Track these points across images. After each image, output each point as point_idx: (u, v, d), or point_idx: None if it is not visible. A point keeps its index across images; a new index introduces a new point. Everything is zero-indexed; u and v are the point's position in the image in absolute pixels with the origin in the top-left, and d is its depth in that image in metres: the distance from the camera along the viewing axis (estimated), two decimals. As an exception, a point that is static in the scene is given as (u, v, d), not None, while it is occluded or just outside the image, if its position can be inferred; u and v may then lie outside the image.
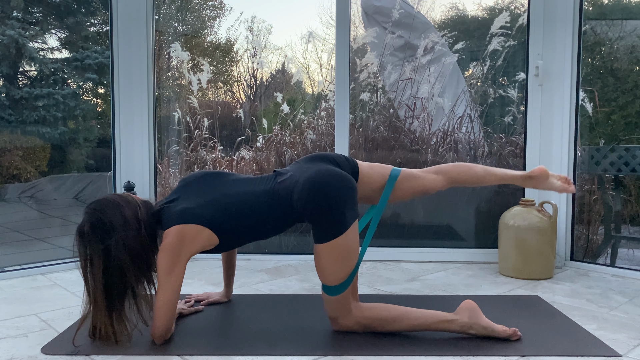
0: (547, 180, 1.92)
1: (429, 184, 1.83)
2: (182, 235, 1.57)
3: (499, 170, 1.93)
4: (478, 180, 1.92)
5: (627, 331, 1.76)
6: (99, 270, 1.52)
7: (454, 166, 1.89)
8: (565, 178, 1.94)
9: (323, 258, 1.61)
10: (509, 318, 1.85)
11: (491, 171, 1.91)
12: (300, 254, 2.90)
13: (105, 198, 1.61)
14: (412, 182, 1.81)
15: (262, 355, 1.53)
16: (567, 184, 1.93)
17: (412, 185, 1.81)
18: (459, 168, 1.89)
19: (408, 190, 1.81)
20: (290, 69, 4.53)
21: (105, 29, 4.81)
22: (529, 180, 1.93)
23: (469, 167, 1.91)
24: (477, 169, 1.91)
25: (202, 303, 2.01)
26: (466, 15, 3.95)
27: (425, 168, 1.88)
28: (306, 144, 3.57)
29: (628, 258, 3.05)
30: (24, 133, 4.27)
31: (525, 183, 1.95)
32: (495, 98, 3.49)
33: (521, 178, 1.93)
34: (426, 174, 1.84)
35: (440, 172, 1.86)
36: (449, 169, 1.87)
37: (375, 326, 1.68)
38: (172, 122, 3.79)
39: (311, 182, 1.59)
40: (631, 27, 3.49)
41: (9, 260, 3.24)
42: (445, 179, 1.85)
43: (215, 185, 1.73)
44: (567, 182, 1.94)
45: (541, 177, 1.91)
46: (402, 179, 1.79)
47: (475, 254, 2.83)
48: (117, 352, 1.53)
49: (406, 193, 1.82)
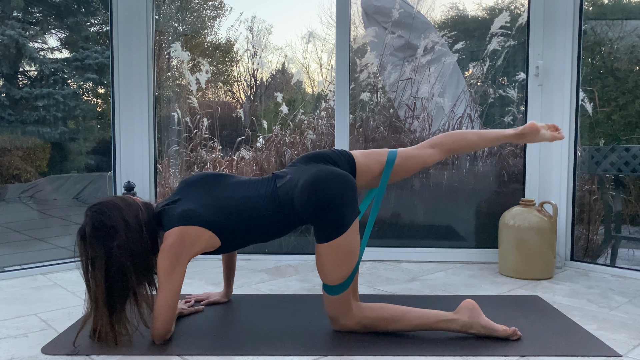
0: (538, 134, 1.93)
1: (426, 159, 1.85)
2: (183, 236, 1.57)
3: (491, 132, 1.95)
4: (472, 145, 1.95)
5: (627, 331, 1.76)
6: (101, 272, 1.52)
7: (447, 136, 1.91)
8: (554, 126, 1.96)
9: (324, 257, 1.61)
10: (509, 318, 1.85)
11: (484, 135, 1.94)
12: (300, 254, 2.90)
13: (106, 200, 1.61)
14: (409, 161, 1.82)
15: (262, 355, 1.53)
16: (556, 131, 1.95)
17: (410, 165, 1.83)
18: (452, 137, 1.91)
19: (406, 170, 1.83)
20: (290, 69, 4.53)
21: (105, 29, 4.81)
22: (521, 137, 1.94)
23: (462, 134, 1.93)
24: (469, 135, 1.94)
25: (202, 303, 2.01)
26: (466, 15, 3.95)
27: (420, 143, 1.89)
28: (306, 144, 3.57)
29: (628, 258, 3.05)
30: (24, 133, 4.27)
31: (518, 140, 1.96)
32: (495, 98, 3.49)
33: (513, 136, 1.94)
34: (422, 150, 1.86)
35: (435, 144, 1.87)
36: (442, 140, 1.89)
37: (375, 326, 1.68)
38: (172, 122, 3.79)
39: (310, 184, 1.59)
40: (631, 27, 3.49)
41: (9, 260, 3.24)
42: (441, 151, 1.87)
43: (217, 187, 1.73)
44: (556, 129, 1.96)
45: (532, 132, 1.92)
46: (399, 161, 1.80)
47: (475, 254, 2.83)
48: (117, 352, 1.53)
49: (405, 172, 1.84)
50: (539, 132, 1.92)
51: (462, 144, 1.91)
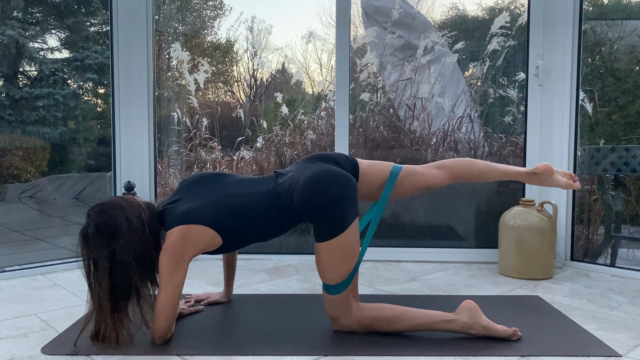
0: (551, 177, 1.89)
1: (430, 179, 1.82)
2: (185, 235, 1.57)
3: (501, 166, 1.91)
4: (480, 176, 1.89)
5: (627, 331, 1.76)
6: (104, 273, 1.52)
7: (456, 162, 1.88)
8: (570, 174, 1.91)
9: (323, 257, 1.61)
10: (509, 318, 1.85)
11: (494, 167, 1.89)
12: (300, 254, 2.90)
13: (108, 200, 1.60)
14: (413, 178, 1.80)
15: (262, 355, 1.53)
16: (572, 180, 1.90)
17: (414, 182, 1.80)
18: (461, 163, 1.88)
19: (410, 187, 1.81)
20: (290, 69, 4.53)
21: (105, 29, 4.81)
22: (533, 177, 1.90)
23: (472, 163, 1.89)
24: (479, 164, 1.89)
25: (202, 303, 2.01)
26: (466, 15, 3.95)
27: (427, 164, 1.87)
28: (306, 144, 3.57)
29: (628, 258, 3.05)
30: (24, 133, 4.27)
31: (529, 180, 1.92)
32: (495, 98, 3.49)
33: (525, 175, 1.90)
34: (428, 170, 1.84)
35: (442, 167, 1.85)
36: (451, 164, 1.86)
37: (375, 326, 1.68)
38: (172, 122, 3.79)
39: (311, 181, 1.60)
40: (631, 27, 3.49)
41: (9, 260, 3.24)
42: (447, 175, 1.84)
43: (217, 186, 1.73)
44: (572, 178, 1.91)
45: (545, 173, 1.88)
46: (403, 176, 1.78)
47: (475, 254, 2.83)
48: (118, 352, 1.53)
49: (408, 190, 1.81)
50: (552, 174, 1.88)
51: (470, 172, 1.87)
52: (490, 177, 1.90)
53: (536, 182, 1.92)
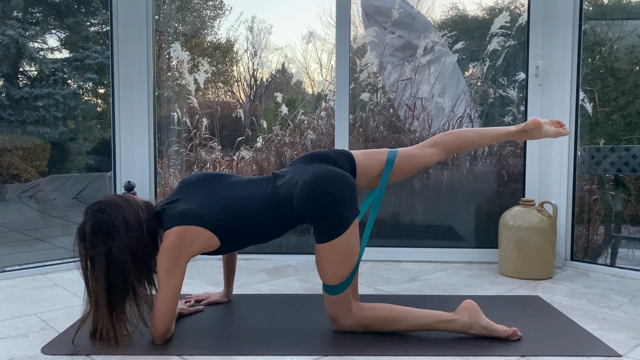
0: (541, 130, 1.90)
1: (426, 158, 1.84)
2: (183, 236, 1.57)
3: (492, 130, 1.93)
4: (474, 144, 1.94)
5: (627, 331, 1.76)
6: (101, 272, 1.52)
7: (447, 134, 1.90)
8: (558, 122, 1.93)
9: (323, 257, 1.61)
10: (509, 318, 1.85)
11: (485, 133, 1.92)
12: (300, 254, 2.90)
13: (106, 199, 1.60)
14: (409, 160, 1.82)
15: (262, 355, 1.53)
16: (561, 126, 1.92)
17: (410, 164, 1.82)
18: (453, 135, 1.90)
19: (407, 170, 1.83)
20: (290, 69, 4.53)
21: (105, 29, 4.81)
22: (524, 134, 1.91)
23: (463, 133, 1.93)
24: (471, 133, 1.93)
25: (202, 303, 2.01)
26: (466, 15, 3.95)
27: (420, 143, 1.88)
28: (306, 144, 3.57)
29: (628, 258, 3.05)
30: (24, 133, 4.27)
31: (520, 137, 1.93)
32: (495, 98, 3.49)
33: (516, 133, 1.91)
34: (422, 149, 1.85)
35: (435, 144, 1.86)
36: (443, 139, 1.88)
37: (375, 326, 1.68)
38: (172, 122, 3.79)
39: (309, 183, 1.59)
40: (631, 27, 3.49)
41: (9, 260, 3.24)
42: (442, 150, 1.86)
43: (216, 187, 1.72)
44: (561, 125, 1.93)
45: (535, 128, 1.89)
46: (399, 161, 1.79)
47: (475, 254, 2.83)
48: (117, 352, 1.53)
49: (405, 172, 1.84)
50: (541, 127, 1.90)
51: (462, 142, 1.90)
52: (483, 142, 1.95)
53: (528, 137, 1.95)
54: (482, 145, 1.96)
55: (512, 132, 1.91)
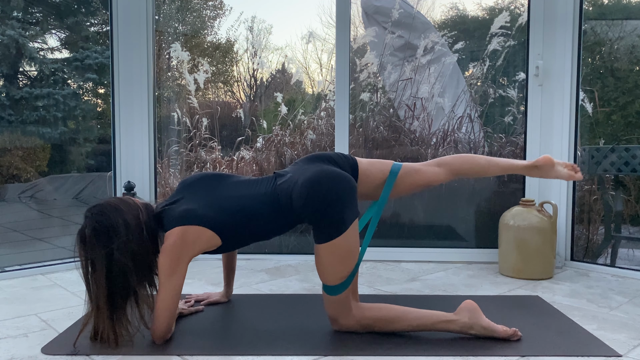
0: (552, 169, 1.86)
1: (431, 177, 1.81)
2: (183, 236, 1.57)
3: (502, 160, 1.90)
4: (481, 171, 1.88)
5: (627, 331, 1.76)
6: (102, 274, 1.52)
7: (456, 158, 1.86)
8: (572, 165, 1.89)
9: (323, 258, 1.61)
10: (509, 318, 1.85)
11: (494, 162, 1.88)
12: (300, 254, 2.90)
13: (106, 202, 1.60)
14: (413, 176, 1.79)
15: (262, 355, 1.53)
16: (574, 171, 1.88)
17: (414, 181, 1.79)
18: (461, 159, 1.86)
19: (409, 186, 1.80)
20: (290, 69, 4.53)
21: (105, 29, 4.81)
22: (534, 170, 1.88)
23: (472, 158, 1.88)
24: (479, 159, 1.88)
25: (202, 303, 2.01)
26: (466, 15, 3.95)
27: (427, 161, 1.86)
28: (306, 144, 3.57)
29: (628, 258, 3.05)
30: (24, 133, 4.27)
31: (530, 173, 1.90)
32: (495, 98, 3.49)
33: (526, 168, 1.88)
34: (428, 167, 1.83)
35: (442, 164, 1.84)
36: (451, 161, 1.85)
37: (375, 326, 1.68)
38: (172, 122, 3.79)
39: (309, 183, 1.59)
40: (631, 27, 3.49)
41: (9, 260, 3.24)
42: (448, 171, 1.83)
43: (216, 187, 1.73)
44: (574, 169, 1.88)
45: (546, 166, 1.86)
46: (402, 174, 1.77)
47: (475, 254, 2.83)
48: (117, 353, 1.53)
49: (407, 188, 1.80)
50: (553, 166, 1.86)
51: (470, 168, 1.86)
52: (491, 172, 1.89)
53: (537, 175, 1.90)
54: (489, 175, 1.90)
55: (522, 166, 1.88)
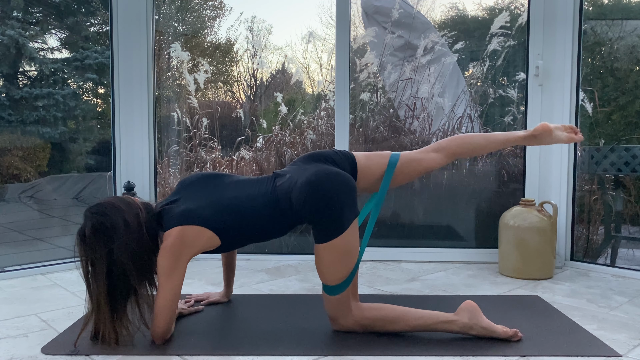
0: (551, 135, 1.84)
1: (429, 163, 1.80)
2: (183, 236, 1.57)
3: (499, 134, 1.88)
4: (479, 149, 1.87)
5: (627, 331, 1.76)
6: (102, 274, 1.52)
7: (453, 139, 1.85)
8: (571, 127, 1.86)
9: (323, 258, 1.61)
10: (509, 318, 1.85)
11: (492, 138, 1.86)
12: (300, 254, 2.90)
13: (105, 201, 1.60)
14: (412, 165, 1.79)
15: (262, 355, 1.53)
16: (574, 132, 1.85)
17: (413, 168, 1.79)
18: (459, 140, 1.85)
19: (408, 175, 1.80)
20: (290, 69, 4.53)
21: (105, 29, 4.81)
22: (533, 139, 1.85)
23: (469, 138, 1.86)
24: (476, 138, 1.87)
25: (202, 303, 2.01)
26: (466, 15, 3.95)
27: (424, 147, 1.85)
28: (306, 144, 3.57)
29: (628, 258, 3.05)
30: (24, 133, 4.27)
31: (529, 142, 1.87)
32: (495, 98, 3.49)
33: (524, 138, 1.85)
34: (425, 154, 1.82)
35: (439, 149, 1.83)
36: (448, 144, 1.83)
37: (375, 326, 1.68)
38: (172, 122, 3.79)
39: (309, 183, 1.59)
40: (631, 27, 3.49)
41: (9, 260, 3.24)
42: (446, 155, 1.82)
43: (216, 186, 1.72)
44: (573, 130, 1.85)
45: (544, 133, 1.83)
46: (401, 164, 1.77)
47: (475, 254, 2.83)
48: (117, 352, 1.53)
49: (407, 177, 1.80)
50: (551, 133, 1.84)
51: (468, 147, 1.85)
52: (490, 148, 1.88)
53: (537, 143, 1.88)
54: (489, 151, 1.88)
55: (520, 137, 1.86)
